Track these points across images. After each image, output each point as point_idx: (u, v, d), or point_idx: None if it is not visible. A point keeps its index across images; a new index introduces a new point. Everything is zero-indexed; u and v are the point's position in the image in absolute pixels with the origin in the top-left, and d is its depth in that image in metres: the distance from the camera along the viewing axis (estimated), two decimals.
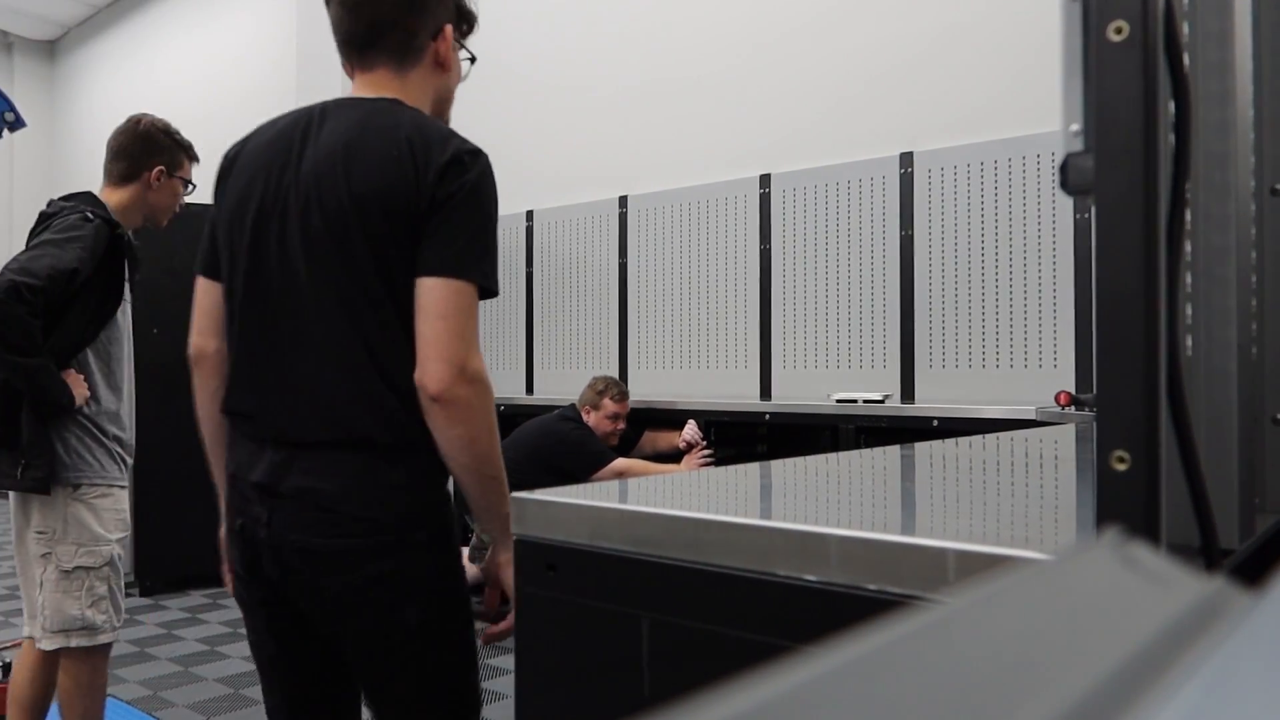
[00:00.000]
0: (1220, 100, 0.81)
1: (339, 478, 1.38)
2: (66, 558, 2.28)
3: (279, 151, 1.53)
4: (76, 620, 2.29)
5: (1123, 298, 0.60)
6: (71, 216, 2.33)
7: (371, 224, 1.38)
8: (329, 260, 1.40)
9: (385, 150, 1.42)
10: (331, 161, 1.44)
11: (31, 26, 10.02)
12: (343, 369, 1.39)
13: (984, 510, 0.96)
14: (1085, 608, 0.40)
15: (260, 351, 1.45)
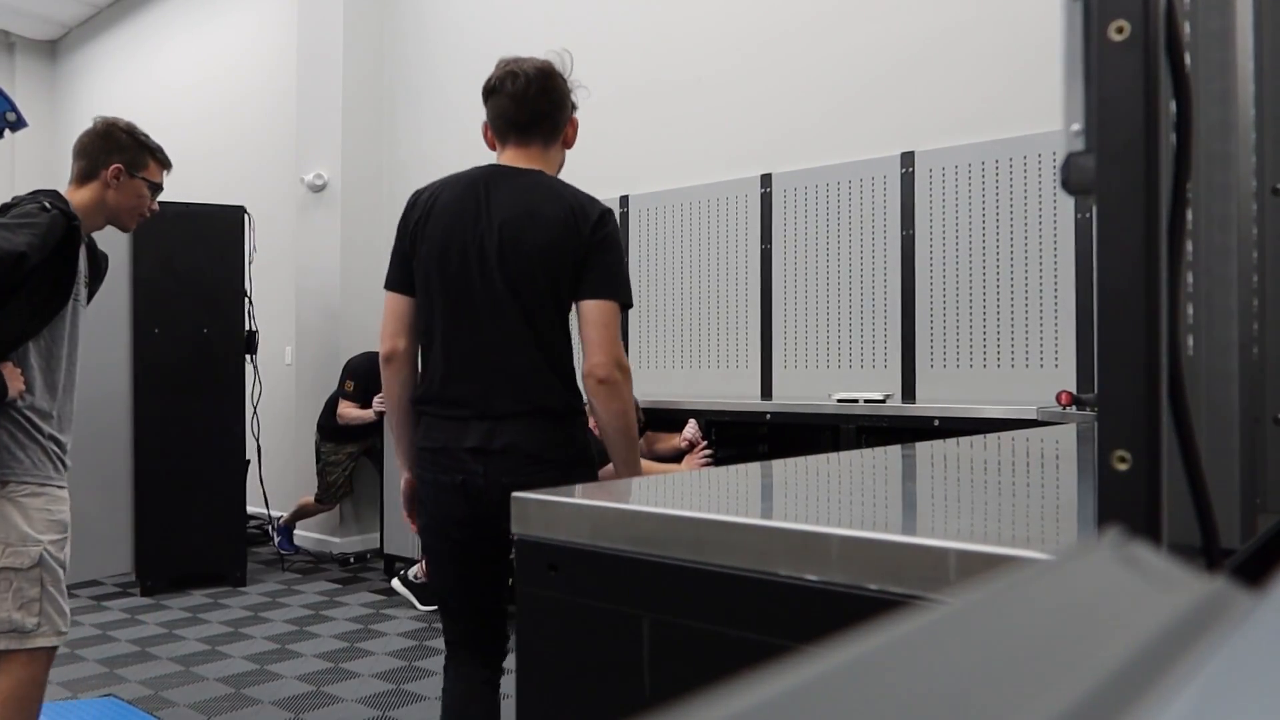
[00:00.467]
0: (1221, 100, 0.80)
1: (532, 435, 2.00)
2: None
3: (467, 208, 2.11)
4: (3, 623, 2.21)
5: (1124, 297, 0.60)
6: (29, 205, 2.25)
7: (551, 266, 2.02)
8: (522, 291, 2.02)
9: (556, 214, 2.06)
10: (519, 222, 2.05)
11: (33, 26, 10.03)
12: (530, 364, 2.02)
13: (985, 510, 0.96)
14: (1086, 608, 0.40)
15: (469, 353, 2.04)
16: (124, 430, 5.31)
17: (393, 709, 3.31)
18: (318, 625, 4.41)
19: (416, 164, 6.25)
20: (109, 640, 4.20)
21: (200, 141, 8.02)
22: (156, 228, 5.27)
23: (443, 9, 6.13)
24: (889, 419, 3.51)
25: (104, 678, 3.69)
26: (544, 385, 2.03)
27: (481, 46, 5.91)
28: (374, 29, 6.38)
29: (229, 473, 5.26)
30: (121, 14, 9.30)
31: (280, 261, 6.47)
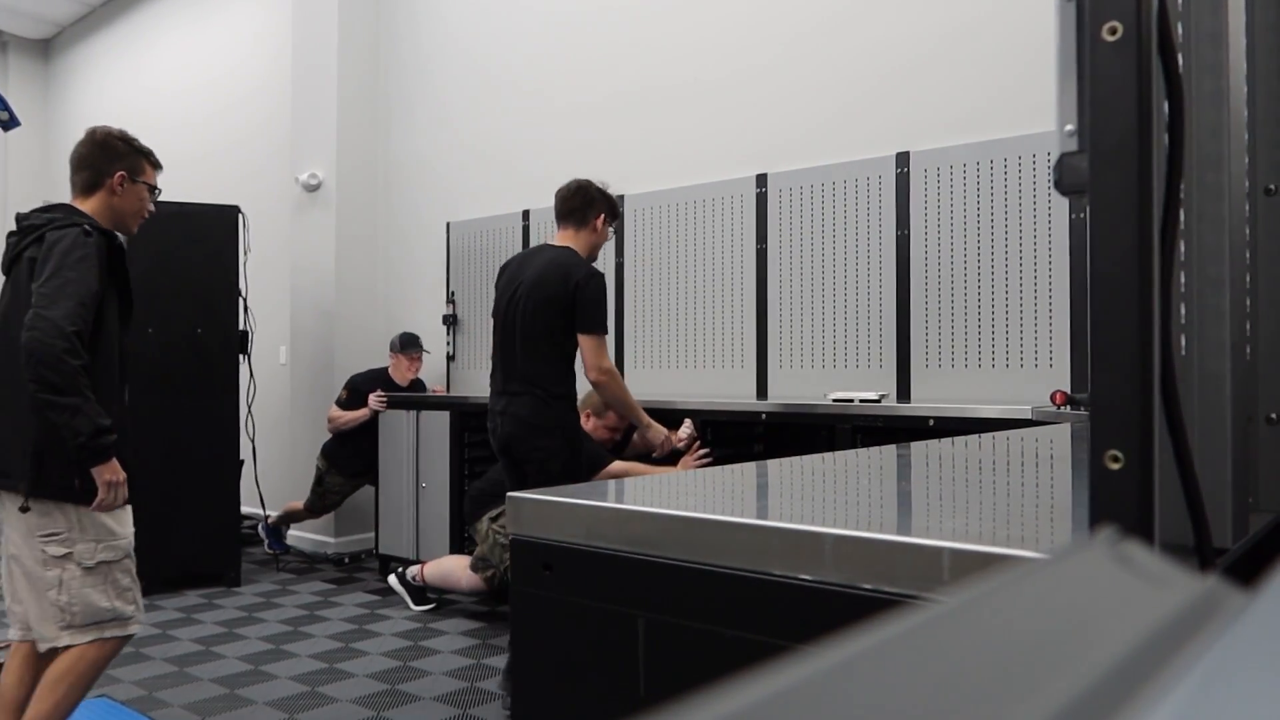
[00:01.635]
0: (1214, 101, 0.81)
1: (525, 407, 3.33)
2: (87, 555, 2.40)
3: (519, 268, 3.45)
4: (107, 612, 2.43)
5: (1117, 297, 0.60)
6: (70, 232, 2.41)
7: (547, 310, 3.30)
8: (532, 323, 3.33)
9: (556, 278, 3.29)
10: (536, 282, 3.33)
11: (26, 25, 10.00)
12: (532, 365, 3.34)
13: (979, 510, 0.96)
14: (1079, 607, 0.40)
15: (506, 358, 3.42)
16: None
17: (388, 709, 3.30)
18: (312, 625, 4.40)
19: (411, 164, 6.25)
20: None
21: (195, 141, 8.00)
22: (151, 227, 5.22)
23: (438, 9, 6.13)
24: (884, 419, 3.52)
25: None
26: (537, 378, 3.33)
27: (476, 47, 5.90)
28: (369, 28, 6.37)
29: (223, 473, 5.25)
30: (115, 13, 9.27)
31: (275, 261, 6.46)
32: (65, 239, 2.41)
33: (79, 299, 2.35)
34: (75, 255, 2.38)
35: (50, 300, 2.33)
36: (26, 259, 2.47)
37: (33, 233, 2.49)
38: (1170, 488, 0.64)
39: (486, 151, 5.82)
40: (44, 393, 2.30)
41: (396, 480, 5.23)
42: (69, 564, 2.39)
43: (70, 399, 2.31)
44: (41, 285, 2.36)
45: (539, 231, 5.35)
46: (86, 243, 2.42)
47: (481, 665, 3.77)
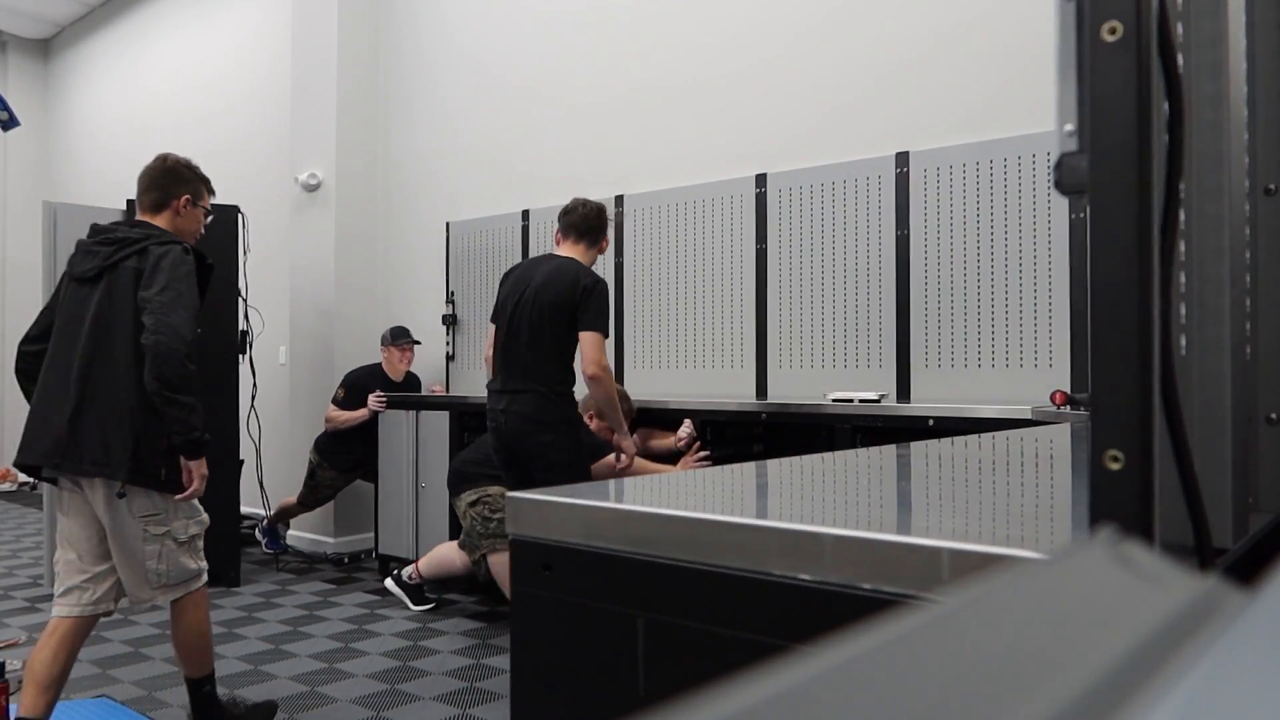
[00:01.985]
0: (1214, 101, 0.81)
1: (529, 404, 3.50)
2: (181, 530, 2.84)
3: (526, 272, 3.65)
4: (193, 572, 2.89)
5: (1117, 297, 0.60)
6: (174, 249, 2.78)
7: (555, 313, 3.49)
8: (539, 323, 3.50)
9: (565, 282, 3.50)
10: (543, 285, 3.52)
11: (25, 25, 9.99)
12: (535, 363, 3.51)
13: (979, 509, 0.96)
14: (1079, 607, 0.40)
15: (510, 358, 3.57)
16: None
17: (387, 709, 3.30)
18: (312, 625, 4.40)
19: (410, 164, 6.25)
20: (102, 641, 4.19)
21: (194, 140, 7.99)
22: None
23: (437, 9, 6.12)
24: (884, 419, 3.52)
25: (97, 678, 3.68)
26: (541, 376, 3.52)
27: (476, 46, 5.90)
28: (369, 28, 6.37)
29: (223, 473, 5.24)
30: (114, 12, 9.27)
31: (274, 261, 6.46)
32: (171, 254, 2.73)
33: (191, 310, 2.70)
34: (182, 270, 2.72)
35: (168, 309, 2.63)
36: (128, 269, 2.73)
37: (131, 245, 2.77)
38: (1170, 487, 0.64)
39: (486, 151, 5.81)
40: (165, 390, 2.61)
41: (396, 480, 5.23)
42: (167, 540, 2.79)
43: (187, 398, 2.67)
44: (158, 294, 2.65)
45: (539, 231, 5.34)
46: (187, 260, 2.76)
47: (481, 665, 3.77)
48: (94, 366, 2.69)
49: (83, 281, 2.79)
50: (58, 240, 5.25)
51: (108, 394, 2.68)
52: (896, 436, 3.39)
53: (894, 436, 3.40)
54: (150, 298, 2.64)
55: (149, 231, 2.82)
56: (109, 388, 2.68)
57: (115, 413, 2.67)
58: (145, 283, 2.68)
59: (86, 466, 2.66)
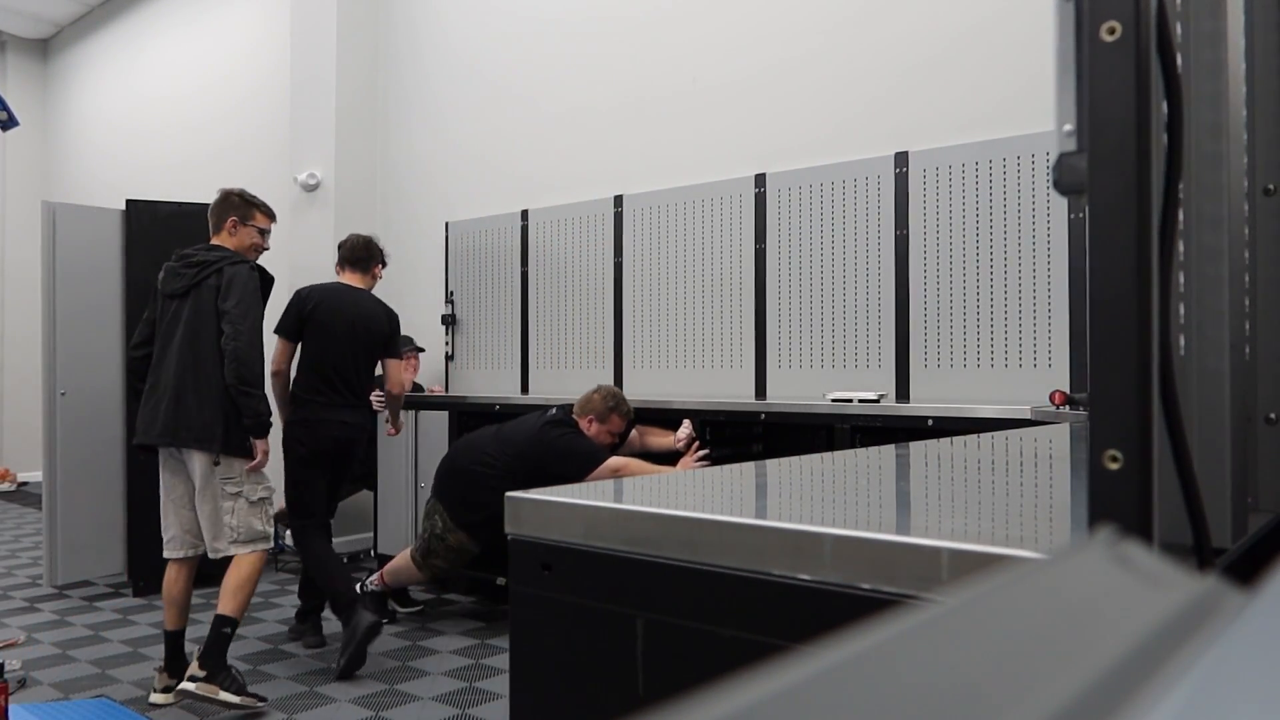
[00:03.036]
0: (1213, 101, 0.81)
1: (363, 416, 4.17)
2: (253, 493, 3.47)
3: (336, 304, 4.08)
4: (259, 533, 3.48)
5: (1116, 297, 0.60)
6: (243, 268, 3.52)
7: (377, 341, 4.12)
8: (366, 351, 4.10)
9: (381, 317, 4.14)
10: (367, 317, 4.10)
11: (24, 25, 9.99)
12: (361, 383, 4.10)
13: (978, 509, 0.96)
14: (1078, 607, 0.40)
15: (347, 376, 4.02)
16: (116, 430, 5.29)
17: (386, 709, 3.30)
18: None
19: (410, 164, 6.25)
20: (101, 641, 4.19)
21: (193, 140, 7.99)
22: (149, 227, 5.26)
23: (435, 10, 6.12)
24: (883, 419, 3.52)
25: (96, 678, 3.68)
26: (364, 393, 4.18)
27: (474, 47, 5.90)
28: (368, 28, 6.36)
29: None
30: (114, 12, 9.26)
31: (273, 261, 6.43)
32: (241, 273, 3.47)
33: (258, 319, 3.48)
34: (251, 286, 3.49)
35: (242, 318, 3.39)
36: (209, 286, 3.45)
37: (209, 266, 3.48)
38: (1169, 487, 0.64)
39: (485, 151, 5.81)
40: (240, 385, 3.36)
41: (395, 480, 5.23)
42: (239, 499, 3.43)
43: (256, 390, 3.41)
44: (235, 307, 3.39)
45: (538, 231, 5.35)
46: (253, 276, 3.53)
47: (480, 665, 3.76)
48: (190, 365, 3.41)
49: (173, 297, 3.52)
50: (56, 240, 5.24)
51: (203, 388, 3.39)
52: (895, 437, 3.39)
53: (893, 437, 3.40)
54: (228, 309, 3.38)
55: (223, 254, 3.53)
56: (204, 383, 3.39)
57: (211, 402, 3.38)
58: (223, 296, 3.41)
59: (190, 441, 3.39)
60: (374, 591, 4.33)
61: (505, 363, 5.48)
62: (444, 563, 4.10)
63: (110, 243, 5.32)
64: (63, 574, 5.23)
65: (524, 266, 5.39)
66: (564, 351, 5.20)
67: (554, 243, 5.26)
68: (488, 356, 5.60)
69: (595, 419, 4.00)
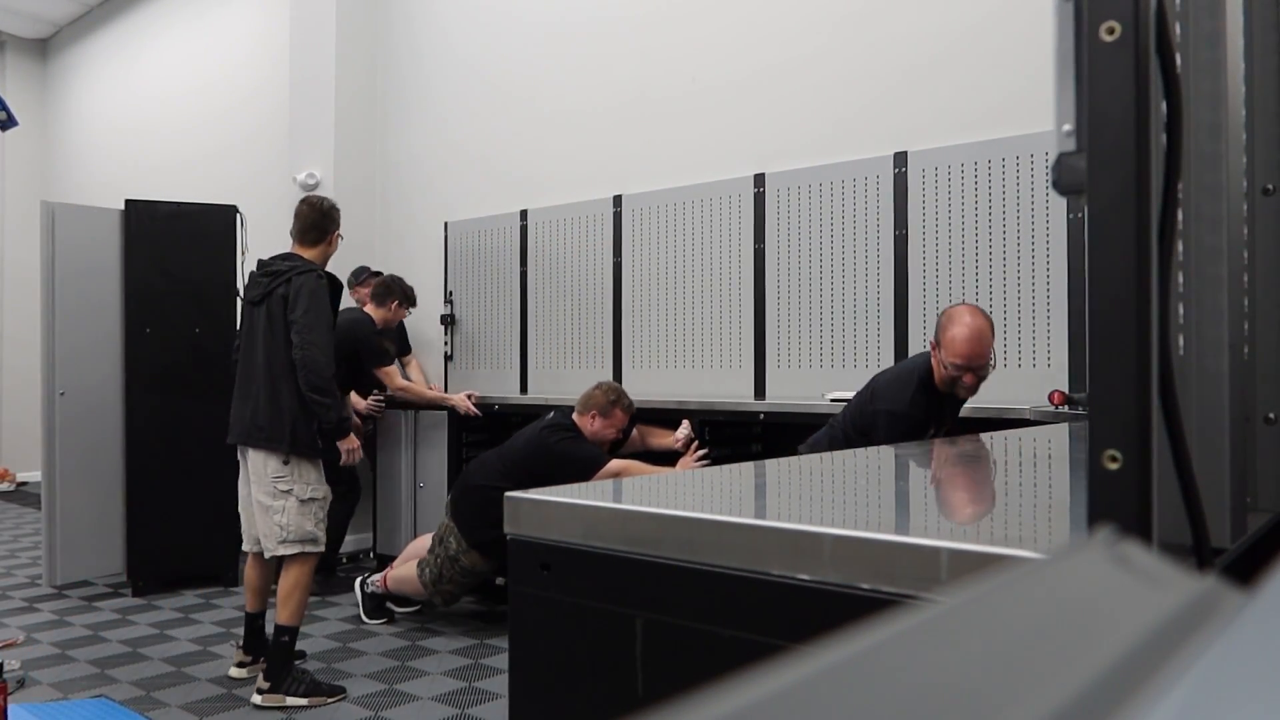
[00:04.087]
0: (1212, 101, 0.81)
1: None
2: (303, 492, 3.46)
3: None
4: (309, 534, 3.46)
5: (1115, 297, 0.60)
6: (310, 277, 3.54)
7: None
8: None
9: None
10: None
11: (23, 25, 9.98)
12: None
13: (977, 509, 0.96)
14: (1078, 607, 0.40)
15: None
16: (115, 430, 5.29)
17: (385, 709, 3.30)
18: (310, 626, 4.40)
19: (409, 164, 6.25)
20: (100, 641, 4.18)
21: (192, 141, 7.99)
22: (148, 227, 5.26)
23: (434, 10, 6.12)
24: None
25: (95, 678, 3.68)
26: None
27: (473, 47, 5.90)
28: (367, 28, 6.36)
29: (221, 473, 5.22)
30: (113, 12, 9.26)
31: None
32: (309, 282, 3.51)
33: (327, 326, 3.52)
34: (320, 295, 3.52)
35: (309, 328, 3.44)
36: (279, 295, 3.51)
37: (281, 276, 3.55)
38: (1168, 487, 0.64)
39: (484, 151, 5.81)
40: (312, 392, 3.42)
41: (394, 480, 5.23)
42: (289, 498, 3.44)
43: (328, 397, 3.46)
44: (302, 316, 3.45)
45: (537, 231, 5.35)
46: (321, 284, 3.56)
47: (480, 665, 3.76)
48: (264, 370, 3.53)
49: (252, 304, 3.63)
50: (55, 240, 5.24)
51: (275, 393, 3.49)
52: None
53: None
54: (295, 319, 3.46)
55: (293, 264, 3.59)
56: (274, 385, 3.49)
57: (277, 404, 3.47)
58: (290, 306, 3.49)
59: (261, 442, 3.47)
60: (373, 593, 4.35)
61: (504, 363, 5.48)
62: (454, 588, 4.08)
63: (109, 242, 5.32)
64: (62, 574, 5.23)
65: (523, 266, 5.39)
66: (563, 351, 5.20)
67: (553, 243, 5.25)
68: (487, 356, 5.60)
69: (598, 414, 3.99)
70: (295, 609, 3.46)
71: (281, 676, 3.38)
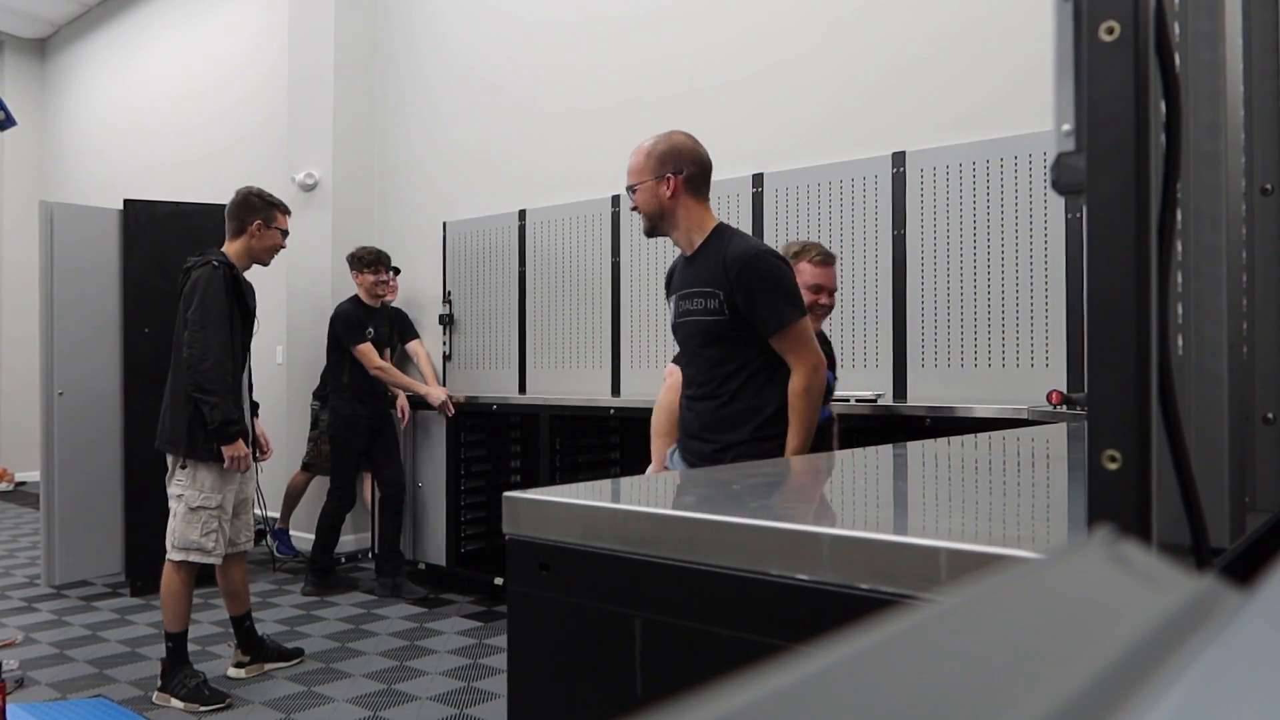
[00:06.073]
0: (1211, 101, 0.81)
1: None
2: (193, 499, 3.40)
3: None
4: (194, 543, 3.41)
5: (1114, 297, 0.60)
6: (204, 270, 3.42)
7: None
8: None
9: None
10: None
11: (22, 24, 9.97)
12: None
13: (976, 509, 0.96)
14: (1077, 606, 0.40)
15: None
16: (114, 430, 5.29)
17: (384, 709, 3.30)
18: (309, 625, 4.40)
19: (408, 164, 6.24)
20: (99, 641, 4.18)
21: (190, 140, 7.98)
22: (146, 227, 5.25)
23: (433, 11, 6.12)
24: (880, 418, 3.52)
25: (94, 678, 3.67)
26: None
27: (472, 47, 5.90)
28: (365, 28, 6.36)
29: None
30: (111, 12, 9.25)
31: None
32: (203, 275, 3.40)
33: (219, 320, 3.37)
34: (212, 288, 3.38)
35: (199, 325, 3.34)
36: (184, 294, 3.45)
37: (187, 274, 3.47)
38: (1167, 487, 0.64)
39: (483, 151, 5.81)
40: (195, 391, 3.34)
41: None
42: (180, 503, 3.40)
43: (212, 396, 3.33)
44: (193, 312, 3.35)
45: (536, 231, 5.34)
46: (215, 274, 3.41)
47: (478, 665, 3.76)
48: (171, 373, 3.51)
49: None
50: (54, 240, 5.23)
51: (176, 393, 3.46)
52: (893, 436, 3.39)
53: (891, 436, 3.40)
54: (189, 317, 3.38)
55: (194, 259, 3.52)
56: (176, 387, 3.46)
57: (178, 406, 3.42)
58: (185, 303, 3.41)
59: (166, 445, 3.48)
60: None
61: (503, 362, 5.47)
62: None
63: (108, 242, 5.32)
64: (60, 574, 5.22)
65: (522, 266, 5.39)
66: (562, 351, 5.20)
67: (552, 243, 5.25)
68: (486, 356, 5.59)
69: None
70: (171, 615, 3.43)
71: (170, 678, 3.41)
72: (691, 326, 2.49)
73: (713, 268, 2.43)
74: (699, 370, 2.50)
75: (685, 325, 2.51)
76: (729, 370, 2.44)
